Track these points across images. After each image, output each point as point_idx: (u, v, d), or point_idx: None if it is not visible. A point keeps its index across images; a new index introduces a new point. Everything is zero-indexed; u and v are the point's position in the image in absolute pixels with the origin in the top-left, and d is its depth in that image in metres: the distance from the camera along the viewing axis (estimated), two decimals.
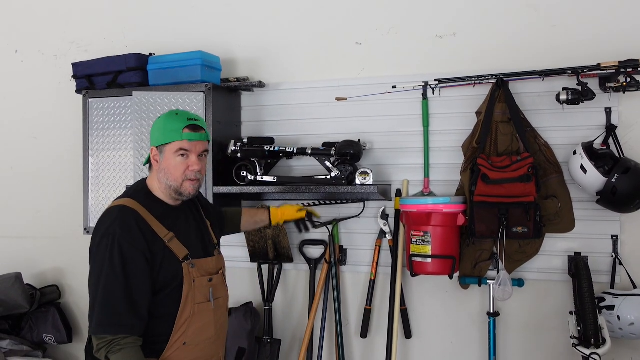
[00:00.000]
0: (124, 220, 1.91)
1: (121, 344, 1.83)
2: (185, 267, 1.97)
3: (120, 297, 1.85)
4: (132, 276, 1.87)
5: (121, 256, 1.86)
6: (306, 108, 3.07)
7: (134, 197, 2.00)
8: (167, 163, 1.99)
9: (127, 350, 1.84)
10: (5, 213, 3.78)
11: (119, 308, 1.85)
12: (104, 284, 1.86)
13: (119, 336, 1.84)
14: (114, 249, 1.86)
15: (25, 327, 3.46)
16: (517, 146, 2.65)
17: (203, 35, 3.28)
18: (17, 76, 3.75)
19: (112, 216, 1.93)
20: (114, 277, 1.85)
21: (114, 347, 1.83)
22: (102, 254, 1.88)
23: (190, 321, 1.98)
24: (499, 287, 2.60)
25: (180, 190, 2.01)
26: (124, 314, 1.85)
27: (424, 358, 2.94)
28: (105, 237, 1.89)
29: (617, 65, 2.45)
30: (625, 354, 2.63)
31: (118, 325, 1.85)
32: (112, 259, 1.86)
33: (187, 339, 1.97)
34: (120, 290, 1.85)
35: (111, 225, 1.90)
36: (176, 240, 1.98)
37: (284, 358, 3.12)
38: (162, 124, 2.02)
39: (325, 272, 2.98)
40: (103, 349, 1.84)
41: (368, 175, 2.76)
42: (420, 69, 2.90)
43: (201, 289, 2.01)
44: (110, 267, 1.85)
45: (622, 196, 2.40)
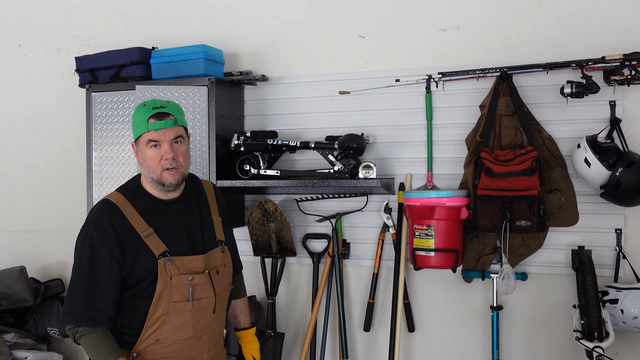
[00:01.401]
0: (100, 215, 1.95)
1: (80, 331, 1.92)
2: (161, 264, 1.93)
3: (82, 291, 1.91)
4: (97, 271, 1.91)
5: (90, 250, 1.91)
6: (309, 102, 3.07)
7: (121, 191, 2.03)
8: (144, 156, 1.97)
9: (86, 335, 1.92)
10: (9, 207, 3.79)
11: (79, 301, 1.91)
12: (73, 277, 1.94)
13: (77, 327, 1.93)
14: (85, 243, 1.93)
15: (29, 320, 3.47)
16: (521, 140, 2.64)
17: (206, 28, 3.27)
18: (20, 70, 3.75)
19: (93, 210, 2.01)
20: (80, 271, 1.92)
21: (75, 334, 1.93)
22: (78, 245, 1.96)
23: (165, 319, 1.95)
24: (502, 280, 2.61)
25: (161, 181, 1.97)
26: (83, 307, 1.91)
27: (427, 351, 2.94)
28: (82, 231, 1.96)
29: (622, 58, 2.44)
30: (629, 348, 2.63)
31: (77, 317, 1.93)
32: (82, 252, 1.93)
33: (160, 337, 1.95)
34: (82, 283, 1.91)
35: (90, 218, 1.97)
36: (155, 236, 1.95)
37: (287, 351, 3.13)
38: (133, 118, 2.00)
39: (328, 266, 2.98)
40: (70, 336, 1.96)
41: (371, 169, 2.76)
42: (423, 62, 2.89)
43: (179, 287, 1.95)
44: (79, 260, 1.93)
45: (626, 190, 2.39)
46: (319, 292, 2.98)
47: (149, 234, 1.94)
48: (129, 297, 1.95)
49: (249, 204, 3.18)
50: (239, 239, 3.11)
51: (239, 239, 3.11)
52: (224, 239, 2.14)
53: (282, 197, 3.13)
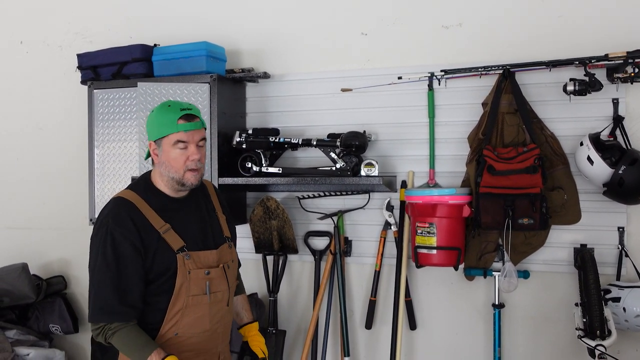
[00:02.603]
0: (117, 212, 1.95)
1: (112, 328, 1.91)
2: (180, 259, 1.96)
3: (111, 287, 1.90)
4: (123, 266, 1.91)
5: (112, 247, 1.91)
6: (311, 99, 3.07)
7: (133, 189, 2.03)
8: (167, 156, 1.98)
9: (120, 331, 1.91)
10: (12, 204, 3.79)
11: (109, 297, 1.90)
12: (97, 274, 1.92)
13: (107, 324, 1.92)
14: (107, 239, 1.91)
15: (31, 317, 3.48)
16: (524, 137, 2.64)
17: (208, 26, 3.27)
18: (22, 67, 3.75)
19: (108, 208, 1.99)
20: (105, 267, 1.91)
21: (107, 332, 1.91)
22: (96, 244, 1.94)
23: (184, 312, 1.98)
24: (504, 278, 2.60)
25: (182, 181, 2.00)
26: (114, 302, 1.90)
27: (429, 349, 2.94)
28: (100, 228, 1.94)
29: (625, 55, 2.43)
30: (631, 346, 2.63)
31: (108, 313, 1.91)
32: (105, 249, 1.91)
33: (179, 330, 1.98)
34: (110, 279, 1.90)
35: (106, 216, 1.96)
36: (172, 232, 1.98)
37: (289, 349, 3.13)
38: (156, 118, 2.00)
39: (330, 264, 2.98)
40: (100, 335, 1.93)
41: (373, 166, 2.75)
42: (426, 60, 2.88)
43: (197, 281, 1.99)
44: (103, 257, 1.91)
45: (628, 187, 2.39)
46: (321, 289, 2.98)
47: (167, 230, 1.97)
48: (148, 293, 1.96)
49: (251, 202, 3.18)
50: (241, 236, 3.13)
51: (241, 237, 3.13)
52: (230, 236, 2.20)
53: (284, 194, 3.13)
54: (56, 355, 3.41)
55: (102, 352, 3.26)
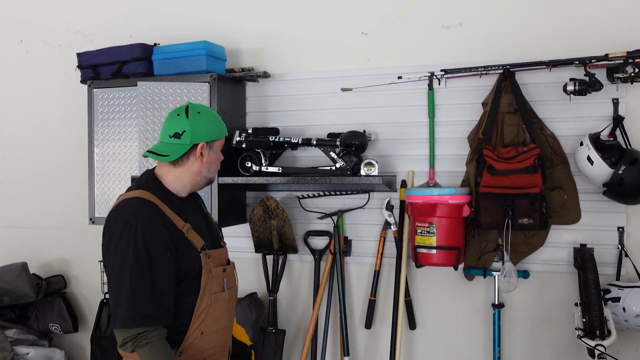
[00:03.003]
0: (145, 212, 1.88)
1: (148, 338, 1.80)
2: (203, 258, 1.98)
3: (147, 290, 1.82)
4: (157, 268, 1.84)
5: (145, 247, 1.83)
6: (311, 98, 3.06)
7: (148, 189, 1.96)
8: (215, 157, 2.05)
9: (154, 343, 1.81)
10: (11, 203, 3.79)
11: (145, 301, 1.82)
12: (130, 278, 1.81)
13: (147, 329, 1.81)
14: (138, 240, 1.82)
15: (31, 316, 3.48)
16: (524, 137, 2.64)
17: (208, 25, 3.26)
18: (22, 66, 3.75)
19: (132, 208, 1.89)
20: (140, 270, 1.82)
21: (140, 341, 1.80)
22: (123, 247, 1.83)
23: (208, 311, 1.98)
24: (504, 278, 2.60)
25: (212, 181, 2.12)
26: (150, 306, 1.82)
27: (428, 349, 2.94)
28: (126, 230, 1.84)
29: (625, 55, 2.43)
30: (631, 346, 2.63)
31: (146, 318, 1.82)
32: (137, 251, 1.82)
33: (204, 329, 1.98)
34: (146, 282, 1.82)
35: (132, 217, 1.86)
36: (193, 231, 1.98)
37: (288, 348, 3.13)
38: (213, 119, 2.05)
39: (329, 263, 2.98)
40: (129, 343, 1.81)
41: (373, 166, 2.75)
42: (426, 60, 2.88)
43: (217, 279, 2.01)
44: (135, 260, 1.82)
45: (628, 187, 2.39)
46: (320, 289, 2.98)
47: (188, 229, 1.97)
48: (177, 294, 1.92)
49: (251, 201, 3.18)
50: (241, 235, 3.15)
51: (241, 236, 3.15)
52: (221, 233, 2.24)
53: (283, 194, 3.13)
54: (56, 354, 3.42)
55: (102, 352, 3.26)
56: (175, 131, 1.98)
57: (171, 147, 1.98)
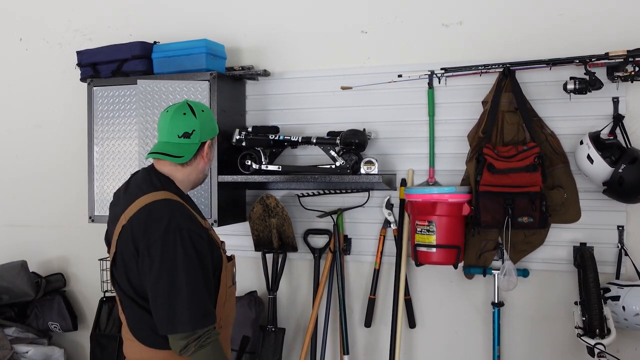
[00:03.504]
0: (182, 212, 1.88)
1: (211, 336, 1.82)
2: (222, 254, 2.02)
3: (203, 289, 1.83)
4: (207, 267, 1.87)
5: (194, 248, 1.83)
6: (311, 97, 3.06)
7: (168, 190, 1.94)
8: (213, 153, 2.10)
9: (216, 342, 1.83)
10: (11, 201, 3.79)
11: (204, 300, 1.83)
12: (186, 279, 1.79)
13: (209, 328, 1.82)
14: (185, 241, 1.82)
15: (30, 314, 3.48)
16: (524, 136, 2.63)
17: (208, 23, 3.26)
18: (21, 64, 3.75)
19: (167, 210, 1.86)
20: (194, 270, 1.81)
21: (204, 341, 1.80)
22: (171, 249, 1.80)
23: (225, 305, 2.02)
24: (504, 277, 2.61)
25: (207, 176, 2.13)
26: (209, 305, 1.85)
27: (428, 348, 2.94)
28: (170, 232, 1.81)
29: (626, 54, 2.43)
30: (630, 345, 2.63)
31: (208, 316, 1.83)
32: (187, 253, 1.81)
33: (222, 322, 2.00)
34: (200, 282, 1.83)
35: (172, 219, 1.83)
36: (212, 229, 2.04)
37: (288, 346, 3.13)
38: (212, 116, 2.08)
39: (329, 262, 2.98)
40: (192, 345, 1.79)
41: (373, 164, 2.75)
42: (426, 58, 2.88)
43: (229, 273, 2.06)
44: (188, 262, 1.80)
45: (628, 186, 2.38)
46: (320, 287, 2.98)
47: (209, 227, 2.01)
48: None
49: (250, 199, 3.18)
50: (240, 234, 3.15)
51: (240, 234, 3.15)
52: None
53: (283, 192, 3.13)
54: (55, 352, 3.42)
55: (102, 350, 3.26)
56: (185, 131, 1.96)
57: (183, 148, 1.97)
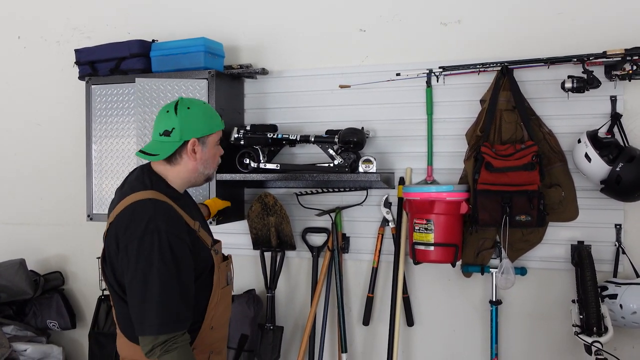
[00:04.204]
0: (164, 213, 1.84)
1: (178, 342, 1.78)
2: (213, 254, 1.99)
3: (177, 294, 1.80)
4: (183, 270, 1.82)
5: (171, 251, 1.79)
6: (309, 95, 3.06)
7: (157, 189, 1.91)
8: (210, 153, 2.01)
9: (183, 347, 1.79)
10: (9, 200, 3.78)
11: (177, 305, 1.80)
12: (159, 282, 1.77)
13: (177, 334, 1.79)
14: (162, 244, 1.78)
15: (29, 313, 3.48)
16: (522, 134, 2.64)
17: (206, 21, 3.26)
18: (19, 62, 3.74)
19: (149, 210, 1.83)
20: (168, 274, 1.78)
21: (170, 346, 1.77)
22: (147, 250, 1.78)
23: (217, 305, 2.00)
24: (502, 275, 2.61)
25: (211, 177, 2.08)
26: (180, 311, 1.81)
27: (426, 346, 2.95)
28: (148, 233, 1.79)
29: (623, 53, 2.43)
30: (627, 343, 2.64)
31: (178, 322, 1.80)
32: (162, 254, 1.78)
33: (214, 323, 2.00)
34: (175, 286, 1.79)
35: (152, 219, 1.81)
36: (202, 229, 1.99)
37: (286, 345, 3.14)
38: (203, 113, 1.98)
39: (327, 260, 2.99)
40: (158, 349, 1.77)
41: (371, 163, 2.75)
42: (424, 57, 2.88)
43: (223, 273, 2.04)
44: (162, 263, 1.78)
45: (626, 185, 2.39)
46: (318, 286, 2.98)
47: (199, 227, 1.96)
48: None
49: (249, 198, 3.18)
50: (239, 232, 3.15)
51: (239, 233, 3.15)
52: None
53: (281, 190, 3.13)
54: (53, 351, 3.42)
55: (100, 348, 3.26)
56: (165, 129, 1.94)
57: (161, 146, 1.95)
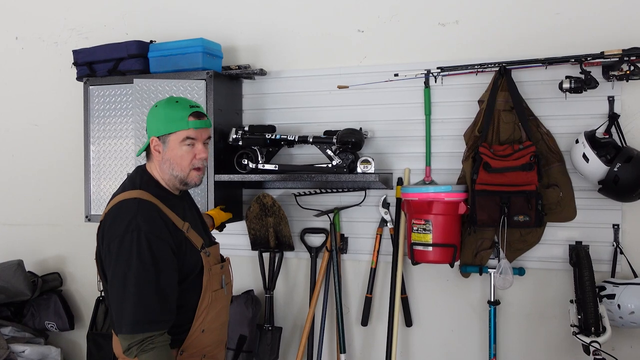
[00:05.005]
0: (146, 213, 1.84)
1: (154, 342, 1.77)
2: (203, 256, 1.97)
3: (154, 293, 1.78)
4: (163, 270, 1.81)
5: (150, 250, 1.79)
6: (308, 96, 3.06)
7: (145, 189, 1.92)
8: (173, 153, 1.94)
9: (160, 348, 1.78)
10: (7, 200, 3.78)
11: (152, 305, 1.78)
12: (135, 281, 1.77)
13: (154, 334, 1.78)
14: (141, 243, 1.78)
15: (27, 314, 3.48)
16: (520, 135, 2.64)
17: (204, 22, 3.26)
18: (17, 63, 3.74)
19: (132, 210, 1.84)
20: (145, 273, 1.77)
21: (146, 346, 1.76)
22: (127, 249, 1.79)
23: (209, 309, 1.98)
24: (500, 275, 2.61)
25: (186, 180, 1.98)
26: (157, 311, 1.79)
27: (425, 346, 2.95)
28: (128, 232, 1.80)
29: (621, 53, 2.43)
30: (625, 343, 2.64)
31: (153, 322, 1.78)
32: (141, 254, 1.78)
33: (205, 326, 1.98)
34: (152, 286, 1.78)
35: (133, 219, 1.82)
36: (192, 230, 1.96)
37: (285, 345, 3.14)
38: (164, 113, 1.95)
39: (326, 261, 2.99)
40: (134, 348, 1.76)
41: (369, 163, 2.75)
42: (422, 57, 2.88)
43: (216, 277, 2.02)
44: (140, 263, 1.77)
45: (623, 185, 2.39)
46: (317, 286, 2.98)
47: (188, 228, 1.95)
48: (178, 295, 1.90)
49: (247, 198, 3.18)
50: (237, 233, 3.15)
51: (237, 234, 3.15)
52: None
53: (280, 191, 3.13)
54: (52, 352, 3.41)
55: (98, 349, 3.25)
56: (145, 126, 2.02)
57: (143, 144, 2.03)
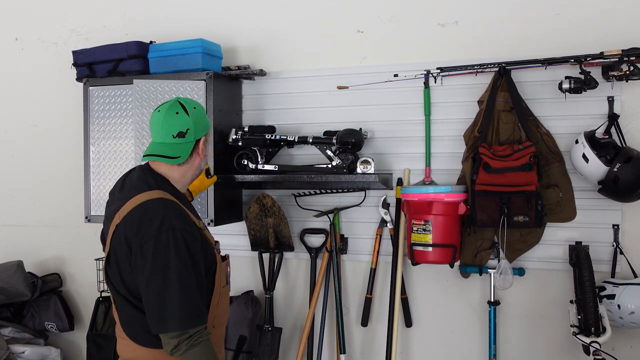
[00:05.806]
0: (176, 212, 1.87)
1: (202, 336, 1.81)
2: (216, 254, 2.02)
3: (195, 289, 1.83)
4: (198, 267, 1.86)
5: (187, 248, 1.82)
6: (307, 96, 3.06)
7: (162, 189, 1.93)
8: (208, 149, 2.10)
9: (207, 341, 1.83)
10: (7, 201, 3.78)
11: (196, 300, 1.82)
12: (178, 278, 1.79)
13: (200, 327, 1.82)
14: (178, 241, 1.81)
15: (27, 314, 3.48)
16: (519, 135, 2.64)
17: (204, 23, 3.26)
18: (17, 64, 3.74)
19: (161, 210, 1.86)
20: (186, 271, 1.81)
21: (195, 340, 1.80)
22: (163, 249, 1.80)
23: (219, 304, 2.02)
24: (500, 275, 2.61)
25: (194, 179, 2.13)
26: (201, 305, 1.85)
27: (425, 346, 2.95)
28: (163, 232, 1.81)
29: (620, 53, 2.44)
30: (626, 343, 2.64)
31: (200, 316, 1.83)
32: (179, 252, 1.81)
33: (216, 322, 2.01)
34: (192, 282, 1.82)
35: (165, 218, 1.83)
36: (206, 228, 2.05)
37: (285, 346, 3.14)
38: (204, 112, 2.08)
39: (326, 261, 2.99)
40: (183, 344, 1.79)
41: (369, 164, 2.75)
42: (422, 58, 2.88)
43: (223, 273, 2.07)
44: (179, 261, 1.80)
45: (623, 185, 2.39)
46: (317, 287, 2.98)
47: (204, 227, 2.02)
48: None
49: (247, 199, 3.18)
50: (237, 233, 3.15)
51: (237, 234, 3.15)
52: None
53: (280, 192, 3.13)
54: (51, 352, 3.41)
55: (98, 350, 3.25)
56: (180, 130, 1.96)
57: (179, 148, 1.97)
